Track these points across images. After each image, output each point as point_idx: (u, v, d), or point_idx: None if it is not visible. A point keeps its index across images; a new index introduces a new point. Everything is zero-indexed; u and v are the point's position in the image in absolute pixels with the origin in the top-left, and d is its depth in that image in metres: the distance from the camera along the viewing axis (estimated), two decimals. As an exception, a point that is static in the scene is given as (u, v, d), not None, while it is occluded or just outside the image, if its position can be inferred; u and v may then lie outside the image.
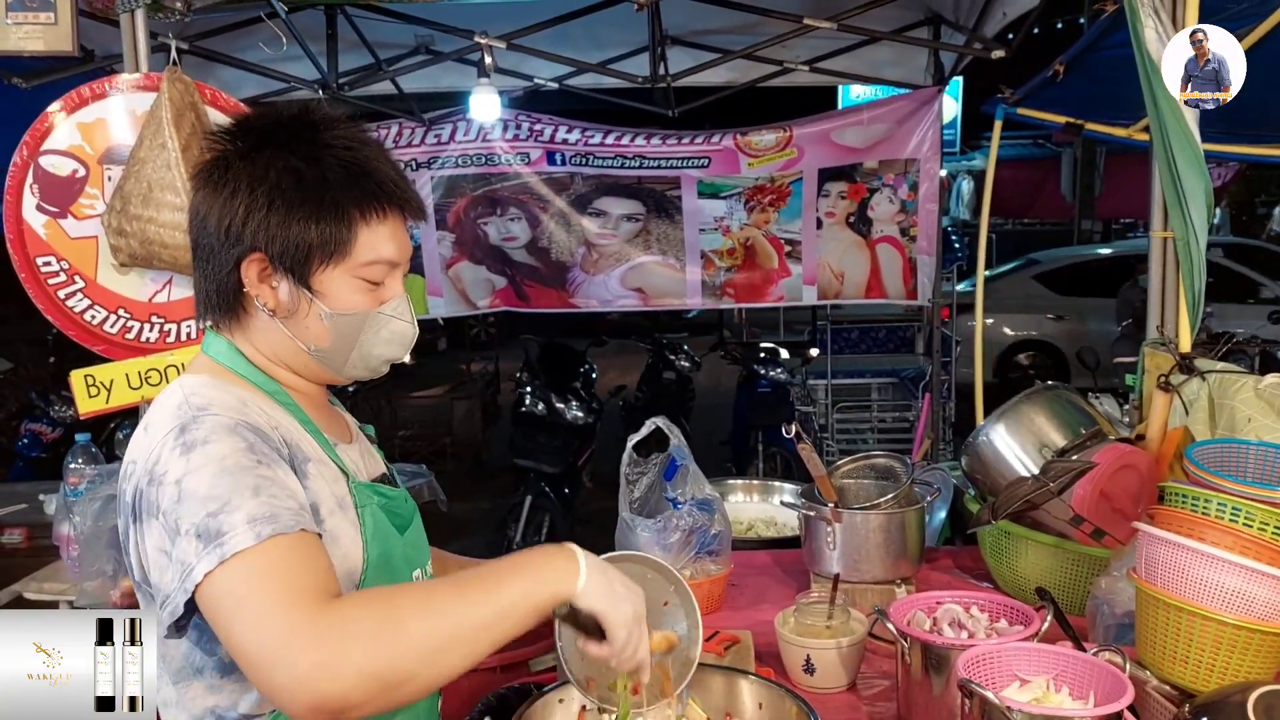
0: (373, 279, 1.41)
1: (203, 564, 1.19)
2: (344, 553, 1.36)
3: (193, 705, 1.36)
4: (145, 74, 2.78)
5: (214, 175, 1.39)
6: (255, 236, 1.36)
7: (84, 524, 2.76)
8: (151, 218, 2.61)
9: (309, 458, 1.38)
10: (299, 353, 1.44)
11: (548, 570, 1.32)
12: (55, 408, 6.57)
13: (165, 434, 1.28)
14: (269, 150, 1.37)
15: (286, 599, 1.17)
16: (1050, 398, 2.40)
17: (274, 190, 1.35)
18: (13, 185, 2.72)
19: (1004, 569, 2.31)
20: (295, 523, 1.23)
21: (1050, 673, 1.61)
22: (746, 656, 2.03)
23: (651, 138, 5.12)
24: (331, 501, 1.38)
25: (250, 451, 1.27)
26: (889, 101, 5.07)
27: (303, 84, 4.57)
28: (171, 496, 1.24)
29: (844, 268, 5.12)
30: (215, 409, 1.30)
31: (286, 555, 1.21)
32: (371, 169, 1.40)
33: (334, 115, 1.43)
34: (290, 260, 1.37)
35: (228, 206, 1.36)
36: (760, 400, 7.25)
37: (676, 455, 2.48)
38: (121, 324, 2.76)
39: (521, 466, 6.53)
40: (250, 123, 1.43)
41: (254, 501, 1.22)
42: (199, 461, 1.24)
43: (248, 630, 1.17)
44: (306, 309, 1.40)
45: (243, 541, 1.19)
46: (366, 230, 1.38)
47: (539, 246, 5.32)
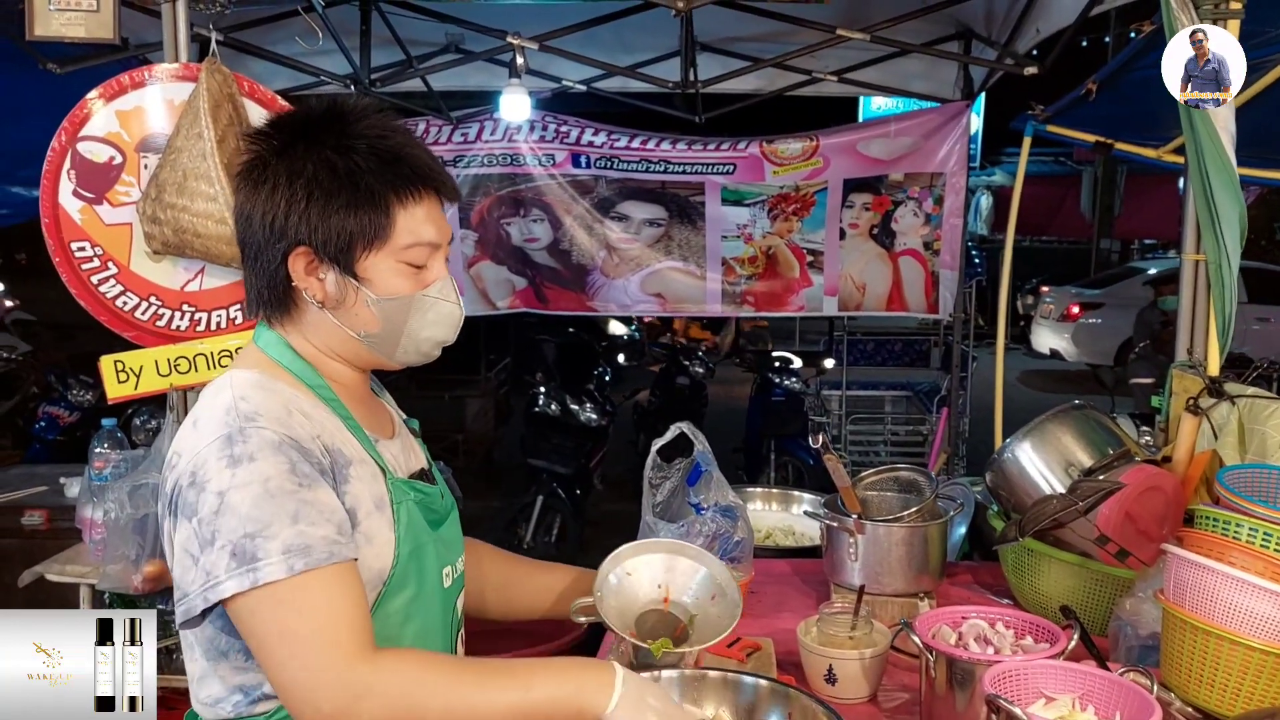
0: (415, 262, 1.45)
1: (232, 583, 1.26)
2: (377, 551, 1.41)
3: (224, 681, 1.40)
4: (184, 64, 2.80)
5: (253, 174, 1.43)
6: (298, 230, 1.40)
7: (115, 510, 2.78)
8: (185, 206, 2.63)
9: (350, 460, 1.41)
10: (350, 341, 1.47)
11: (581, 682, 1.34)
12: (73, 392, 6.61)
13: (213, 440, 1.32)
14: (302, 145, 1.41)
15: (322, 649, 1.25)
16: (1077, 417, 2.39)
17: (311, 183, 1.39)
18: (50, 170, 2.75)
19: (1026, 587, 2.31)
20: (328, 554, 1.29)
21: (1076, 691, 1.61)
22: (768, 664, 2.03)
23: (677, 143, 5.13)
24: (369, 503, 1.41)
25: (293, 473, 1.31)
26: (916, 114, 5.07)
27: (334, 78, 4.59)
28: (212, 506, 1.29)
29: (866, 279, 5.12)
30: (262, 420, 1.33)
31: (316, 593, 1.27)
32: (403, 154, 1.43)
33: (363, 107, 1.46)
34: (334, 250, 1.40)
35: (269, 203, 1.40)
36: (774, 409, 7.26)
37: (701, 461, 2.48)
38: (153, 311, 2.78)
39: (534, 466, 6.55)
40: (283, 121, 1.47)
41: (291, 530, 1.28)
42: (244, 478, 1.29)
43: (280, 667, 1.27)
44: (354, 297, 1.43)
45: (275, 573, 1.25)
46: (404, 214, 1.42)
47: (560, 249, 5.33)
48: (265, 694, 1.38)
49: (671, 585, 1.76)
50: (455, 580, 1.59)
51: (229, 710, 1.40)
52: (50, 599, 3.54)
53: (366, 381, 1.59)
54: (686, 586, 1.78)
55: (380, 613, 1.42)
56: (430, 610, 1.51)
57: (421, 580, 1.48)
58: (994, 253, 13.33)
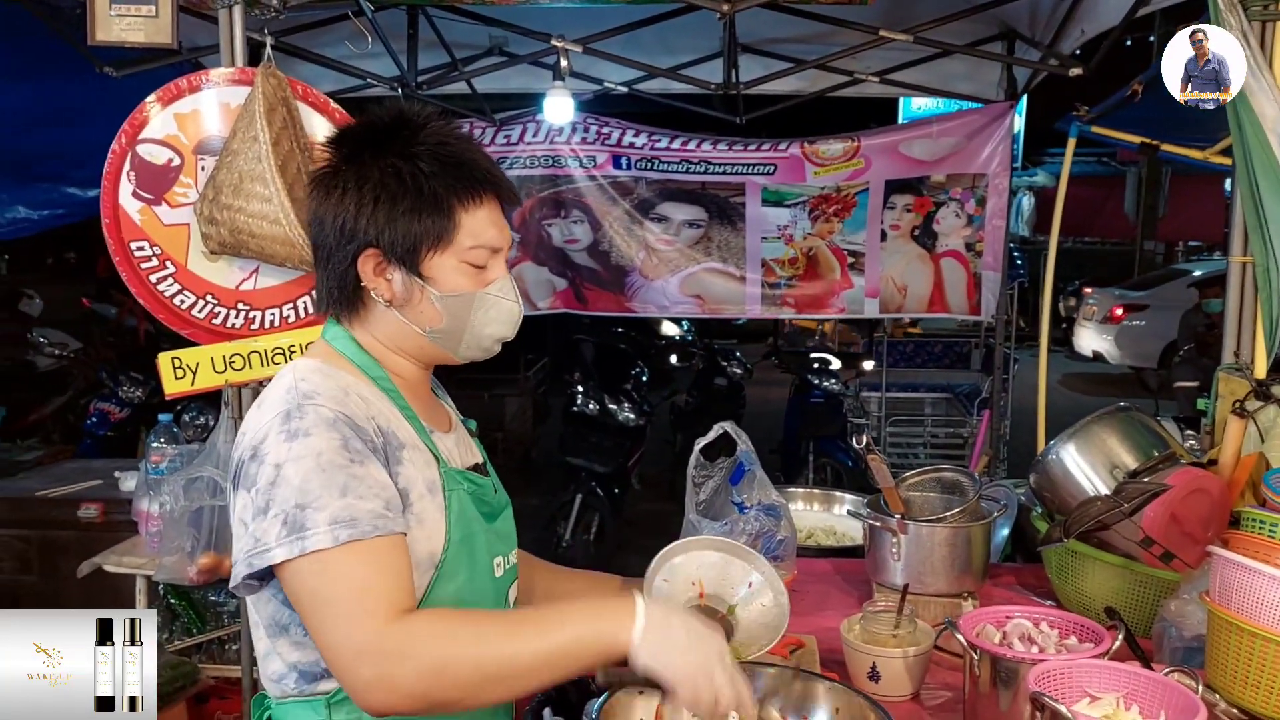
0: (476, 262, 1.51)
1: (280, 550, 1.32)
2: (429, 534, 1.45)
3: (282, 657, 1.46)
4: (240, 68, 2.87)
5: (325, 181, 1.51)
6: (367, 232, 1.47)
7: (170, 503, 2.85)
8: (241, 207, 2.69)
9: (404, 444, 1.47)
10: (416, 337, 1.53)
11: (606, 618, 1.36)
12: (123, 388, 6.73)
13: (273, 416, 1.40)
14: (369, 152, 1.49)
15: (358, 613, 1.30)
16: (1123, 419, 2.39)
17: (378, 187, 1.46)
18: (110, 172, 2.82)
19: (1069, 588, 2.31)
20: (374, 527, 1.34)
21: (1121, 691, 1.61)
22: (812, 660, 2.06)
23: (718, 143, 5.15)
24: (422, 485, 1.46)
25: (345, 449, 1.37)
26: (959, 115, 5.05)
27: (380, 81, 4.66)
28: (268, 478, 1.36)
29: (907, 281, 5.10)
30: (319, 398, 1.40)
31: (359, 562, 1.33)
32: (465, 159, 1.50)
33: (427, 115, 1.53)
34: (400, 251, 1.47)
35: (340, 207, 1.48)
36: (812, 410, 7.24)
37: (744, 460, 2.51)
38: (209, 309, 2.85)
39: (573, 464, 6.60)
40: (352, 130, 1.55)
41: (339, 502, 1.33)
42: (299, 452, 1.35)
43: (325, 635, 1.32)
44: (419, 295, 1.50)
45: (322, 541, 1.31)
46: (466, 216, 1.49)
47: (600, 250, 5.37)
48: (326, 671, 1.42)
49: (706, 580, 1.78)
50: (507, 571, 1.63)
51: (291, 688, 1.46)
52: (105, 590, 3.64)
53: (428, 380, 1.64)
54: (725, 582, 1.80)
55: (433, 597, 1.46)
56: (483, 598, 1.55)
57: (473, 568, 1.52)
58: (1035, 254, 13.22)
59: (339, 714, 1.43)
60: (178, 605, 3.22)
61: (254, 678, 2.96)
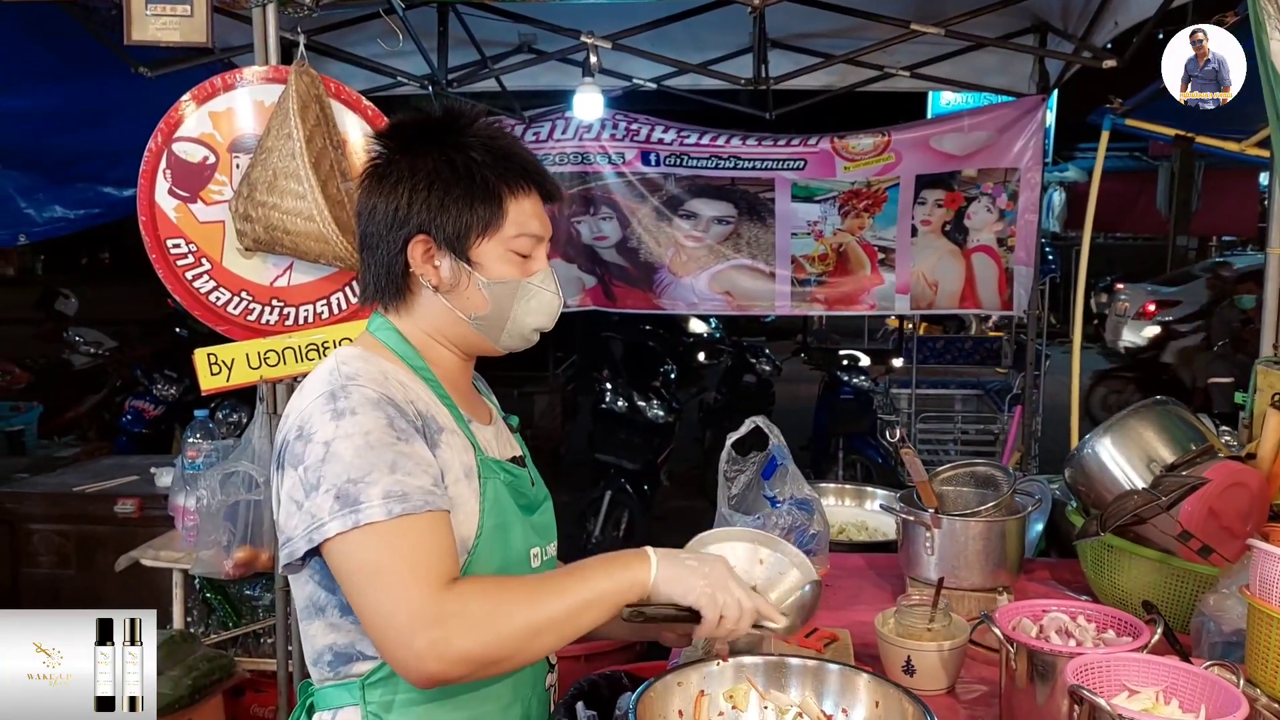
0: (521, 251, 1.56)
1: (335, 524, 1.35)
2: (462, 518, 1.47)
3: (316, 640, 1.49)
4: (273, 66, 2.89)
5: (377, 171, 1.56)
6: (419, 218, 1.52)
7: (207, 498, 2.88)
8: (275, 204, 2.71)
9: (442, 428, 1.50)
10: (459, 323, 1.57)
11: (626, 562, 1.47)
12: (158, 386, 6.83)
13: (316, 396, 1.44)
14: (421, 145, 1.54)
15: (410, 581, 1.33)
16: (1160, 412, 2.37)
17: (431, 175, 1.51)
18: (147, 170, 2.86)
19: (1105, 583, 2.29)
20: (424, 502, 1.37)
21: (1160, 685, 1.60)
22: (846, 654, 2.05)
23: (747, 139, 5.12)
24: (458, 470, 1.49)
25: (391, 427, 1.40)
26: (991, 109, 5.01)
27: (410, 79, 4.68)
28: (318, 455, 1.38)
29: (938, 277, 5.05)
30: (361, 379, 1.44)
31: (411, 535, 1.35)
32: (512, 152, 1.56)
33: (475, 113, 1.59)
34: (450, 237, 1.52)
35: (393, 195, 1.52)
36: (842, 407, 7.21)
37: (776, 454, 2.51)
38: (243, 306, 2.88)
39: (602, 461, 6.61)
40: (403, 124, 1.60)
41: (390, 478, 1.36)
42: (347, 429, 1.39)
43: (377, 605, 1.34)
44: (466, 281, 1.54)
45: (376, 515, 1.34)
46: (514, 205, 1.54)
47: (628, 247, 5.35)
48: (360, 653, 1.46)
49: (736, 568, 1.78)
50: (545, 563, 1.64)
51: (327, 671, 1.49)
52: (142, 584, 3.69)
53: (468, 373, 1.67)
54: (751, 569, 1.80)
55: None
56: None
57: (507, 556, 1.53)
58: (1066, 250, 13.09)
59: (373, 694, 1.46)
60: (213, 599, 3.26)
61: (289, 671, 2.99)
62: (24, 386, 7.39)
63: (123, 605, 3.74)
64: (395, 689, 1.45)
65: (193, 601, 3.26)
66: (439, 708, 1.47)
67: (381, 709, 1.45)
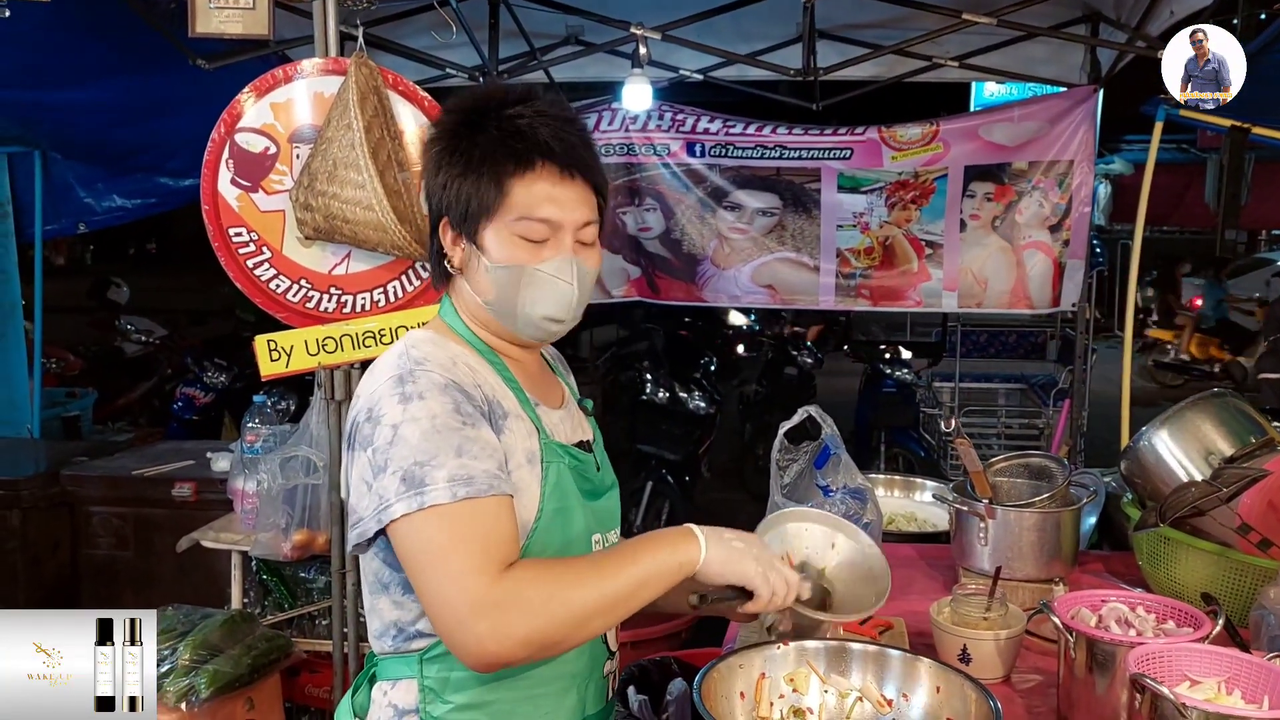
0: (530, 236, 1.51)
1: (401, 504, 1.37)
2: (524, 503, 1.49)
3: (381, 615, 1.53)
4: (333, 58, 2.94)
5: (428, 153, 1.59)
6: (440, 201, 1.55)
7: (266, 481, 2.94)
8: (335, 194, 2.75)
9: (506, 413, 1.51)
10: (481, 309, 1.58)
11: (674, 543, 1.49)
12: (208, 373, 6.94)
13: (386, 380, 1.46)
14: (453, 127, 1.55)
15: (471, 565, 1.35)
16: (1218, 405, 2.36)
17: (441, 156, 1.54)
18: (210, 160, 2.91)
19: (1161, 575, 2.28)
20: (488, 486, 1.40)
21: (1222, 675, 1.60)
22: (900, 642, 2.07)
23: (793, 129, 5.10)
24: (521, 455, 1.50)
25: (457, 412, 1.43)
26: (1042, 100, 4.95)
27: (459, 70, 4.73)
28: (386, 438, 1.41)
29: (987, 274, 4.93)
30: (430, 364, 1.46)
31: (475, 518, 1.38)
32: (527, 131, 1.49)
33: (528, 92, 1.55)
34: (459, 218, 1.53)
35: (426, 178, 1.58)
36: (885, 400, 7.18)
37: (830, 443, 2.52)
38: (303, 293, 2.93)
39: (643, 452, 6.63)
40: (446, 109, 1.62)
41: (455, 462, 1.39)
42: (415, 413, 1.41)
43: (438, 588, 1.37)
44: (476, 263, 1.54)
45: (440, 497, 1.36)
46: (520, 187, 1.49)
47: (672, 238, 5.34)
48: (420, 631, 1.49)
49: (794, 550, 1.80)
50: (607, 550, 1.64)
51: (389, 645, 1.53)
52: (198, 566, 3.77)
53: (535, 356, 1.68)
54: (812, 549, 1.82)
55: None
56: None
57: (567, 540, 1.54)
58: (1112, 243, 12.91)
59: (429, 669, 1.49)
60: (269, 581, 3.32)
61: (344, 652, 3.05)
62: (78, 373, 7.55)
63: (179, 587, 3.85)
64: (451, 666, 1.47)
65: (249, 583, 3.33)
66: (492, 689, 1.49)
67: (438, 684, 1.48)
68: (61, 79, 4.20)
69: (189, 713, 2.66)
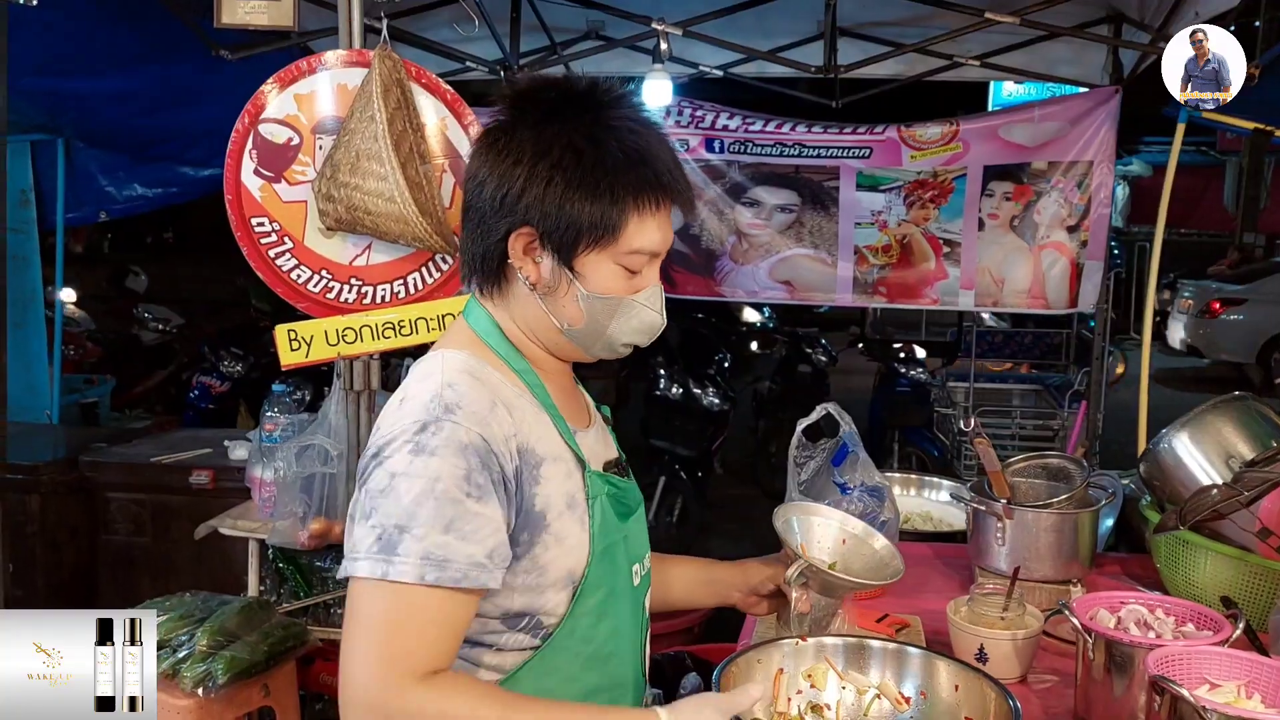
0: (632, 267, 1.42)
1: (365, 564, 1.28)
2: (568, 549, 1.40)
3: None
4: (357, 50, 2.95)
5: (498, 142, 1.40)
6: (529, 210, 1.38)
7: (284, 470, 2.96)
8: (358, 185, 2.77)
9: (543, 459, 1.40)
10: (552, 330, 1.46)
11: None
12: (224, 363, 6.98)
13: (410, 421, 1.34)
14: (555, 125, 1.37)
15: (392, 664, 1.25)
16: (1239, 408, 2.35)
17: (555, 167, 1.36)
18: (234, 150, 2.93)
19: (1179, 579, 2.28)
20: (462, 575, 1.29)
21: (1242, 679, 1.60)
22: (917, 640, 2.07)
23: (813, 126, 5.10)
24: (561, 502, 1.41)
25: (466, 480, 1.30)
26: (1062, 100, 4.94)
27: (480, 64, 4.74)
28: (380, 484, 1.31)
29: (1005, 274, 4.94)
30: (461, 414, 1.33)
31: (427, 609, 1.28)
32: (651, 156, 1.39)
33: (620, 95, 1.44)
34: (558, 238, 1.38)
35: (507, 175, 1.38)
36: (899, 400, 7.16)
37: (848, 441, 2.52)
38: (324, 284, 2.95)
39: (656, 447, 6.64)
40: (539, 93, 1.43)
41: (439, 538, 1.28)
42: (418, 469, 1.30)
43: (353, 660, 1.27)
44: (565, 288, 1.41)
45: (405, 574, 1.27)
46: (637, 220, 1.39)
47: (690, 233, 5.35)
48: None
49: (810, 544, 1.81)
50: (643, 579, 1.58)
51: None
52: (214, 553, 3.80)
53: (568, 371, 1.58)
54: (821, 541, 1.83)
55: (576, 612, 1.42)
56: (622, 610, 1.50)
57: (614, 579, 1.47)
58: (1130, 245, 12.86)
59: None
60: (286, 569, 3.34)
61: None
62: (96, 361, 7.59)
63: (196, 573, 3.87)
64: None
65: (266, 571, 3.35)
66: None
67: None
68: (86, 68, 4.24)
69: (205, 698, 2.68)
